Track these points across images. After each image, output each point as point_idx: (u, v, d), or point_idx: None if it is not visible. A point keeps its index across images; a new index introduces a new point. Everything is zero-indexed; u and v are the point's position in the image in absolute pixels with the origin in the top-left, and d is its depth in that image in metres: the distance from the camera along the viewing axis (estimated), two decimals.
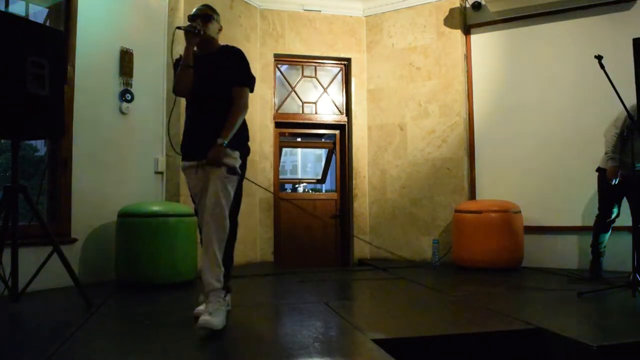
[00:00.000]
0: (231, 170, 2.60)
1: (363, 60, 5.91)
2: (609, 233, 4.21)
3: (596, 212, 4.26)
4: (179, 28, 2.68)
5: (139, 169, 4.51)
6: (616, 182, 3.91)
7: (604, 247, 4.24)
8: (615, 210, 4.13)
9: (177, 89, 2.74)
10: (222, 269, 2.53)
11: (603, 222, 4.17)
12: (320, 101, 5.95)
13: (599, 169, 4.20)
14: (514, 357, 2.46)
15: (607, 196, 4.12)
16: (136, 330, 2.59)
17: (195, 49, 2.72)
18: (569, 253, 4.88)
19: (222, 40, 2.89)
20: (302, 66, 5.91)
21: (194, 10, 2.79)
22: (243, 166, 2.77)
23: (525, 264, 4.85)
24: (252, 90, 2.80)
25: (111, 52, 4.28)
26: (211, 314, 2.43)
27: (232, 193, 2.61)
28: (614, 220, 4.16)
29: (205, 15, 2.74)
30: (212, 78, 2.70)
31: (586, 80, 4.74)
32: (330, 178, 6.65)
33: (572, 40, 4.98)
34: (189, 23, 2.69)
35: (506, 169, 5.23)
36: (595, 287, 3.61)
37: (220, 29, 2.88)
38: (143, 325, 2.64)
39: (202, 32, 2.68)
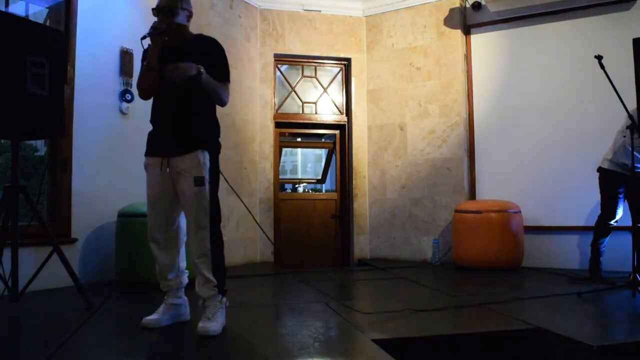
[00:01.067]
0: (199, 180, 2.44)
1: (363, 60, 5.91)
2: (609, 236, 4.19)
3: (598, 212, 4.25)
4: (143, 38, 2.50)
5: (139, 169, 4.43)
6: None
7: (604, 246, 4.23)
8: (619, 211, 4.11)
9: (141, 91, 2.59)
10: (215, 281, 2.48)
11: (605, 223, 4.15)
12: (320, 101, 5.95)
13: (599, 169, 4.20)
14: (514, 357, 2.46)
15: (612, 197, 4.10)
16: (136, 330, 2.59)
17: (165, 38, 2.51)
18: (569, 253, 4.88)
19: (224, 41, 2.80)
20: (302, 66, 5.91)
21: (157, 1, 2.56)
22: (216, 165, 2.56)
23: (525, 264, 4.85)
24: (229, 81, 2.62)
25: (111, 52, 4.27)
26: (210, 319, 2.43)
27: (207, 207, 2.46)
28: (617, 221, 4.14)
29: (167, 9, 2.50)
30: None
31: (586, 80, 4.74)
32: (330, 178, 6.65)
33: (572, 40, 4.98)
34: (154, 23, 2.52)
35: (506, 169, 5.23)
36: (595, 287, 3.61)
37: (190, 15, 2.63)
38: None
39: (165, 29, 2.48)
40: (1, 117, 2.79)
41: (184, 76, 2.40)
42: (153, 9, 2.55)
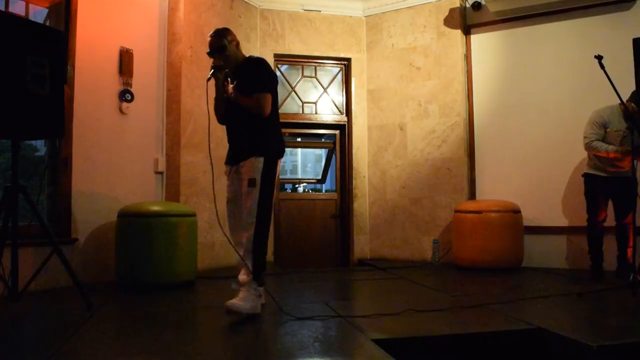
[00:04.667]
0: (251, 182, 2.84)
1: (363, 60, 5.90)
2: (602, 238, 4.20)
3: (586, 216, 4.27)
4: (209, 80, 2.96)
5: (139, 169, 4.51)
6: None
7: (602, 252, 4.21)
8: (603, 212, 4.16)
9: (219, 118, 3.10)
10: (251, 270, 2.82)
11: (596, 225, 4.18)
12: (320, 101, 5.95)
13: (585, 175, 4.26)
14: (514, 357, 2.46)
15: (594, 199, 4.17)
16: (136, 330, 2.59)
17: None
18: (569, 253, 4.88)
19: None
20: (302, 66, 5.91)
21: (209, 43, 2.97)
22: (270, 171, 2.91)
23: (525, 264, 4.85)
24: (270, 92, 2.96)
25: (111, 52, 4.28)
26: (240, 298, 2.75)
27: (255, 206, 2.83)
28: (604, 220, 4.18)
29: (219, 48, 2.93)
30: (241, 88, 2.94)
31: (586, 80, 4.74)
32: (330, 178, 6.65)
33: (572, 40, 4.98)
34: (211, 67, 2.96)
35: (506, 168, 5.23)
36: (595, 288, 3.61)
37: (237, 44, 3.03)
38: (143, 325, 2.64)
39: (222, 65, 2.95)
40: (1, 117, 2.79)
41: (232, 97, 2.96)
42: (208, 53, 2.98)
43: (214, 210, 4.90)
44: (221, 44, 2.92)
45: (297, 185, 6.89)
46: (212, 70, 2.95)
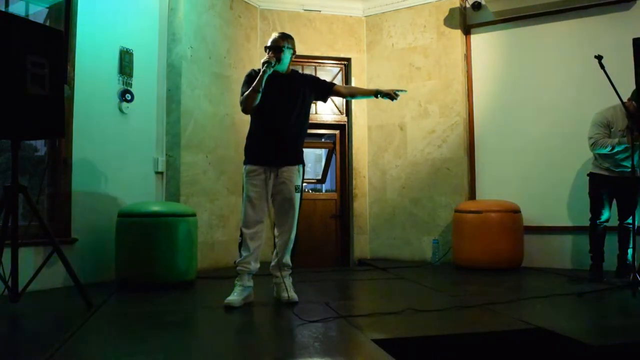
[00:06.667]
0: (297, 188, 3.16)
1: (363, 60, 5.90)
2: (604, 239, 4.20)
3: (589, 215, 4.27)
4: (266, 67, 3.00)
5: (139, 169, 4.51)
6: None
7: (603, 252, 4.21)
8: (605, 212, 4.16)
9: (246, 108, 3.07)
10: (290, 264, 3.25)
11: (598, 225, 4.18)
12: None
13: (590, 174, 4.25)
14: (514, 357, 2.46)
15: (596, 198, 4.17)
16: (136, 330, 2.59)
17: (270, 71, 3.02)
18: (569, 253, 4.88)
19: (224, 41, 2.92)
20: (302, 66, 5.91)
21: (273, 38, 3.14)
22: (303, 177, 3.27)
23: (525, 264, 4.85)
24: None
25: (111, 52, 4.27)
26: (292, 291, 3.17)
27: (298, 209, 3.20)
28: (607, 220, 4.17)
29: (278, 47, 3.10)
30: (296, 97, 3.15)
31: (586, 80, 4.74)
32: (330, 178, 6.64)
33: (572, 40, 4.98)
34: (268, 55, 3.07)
35: (506, 169, 5.23)
36: (595, 287, 3.61)
37: (294, 53, 3.19)
38: (143, 325, 2.64)
39: (273, 64, 3.02)
40: (1, 117, 2.79)
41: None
42: (265, 47, 3.15)
43: (214, 210, 4.95)
44: (281, 45, 3.10)
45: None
46: (267, 63, 2.98)
